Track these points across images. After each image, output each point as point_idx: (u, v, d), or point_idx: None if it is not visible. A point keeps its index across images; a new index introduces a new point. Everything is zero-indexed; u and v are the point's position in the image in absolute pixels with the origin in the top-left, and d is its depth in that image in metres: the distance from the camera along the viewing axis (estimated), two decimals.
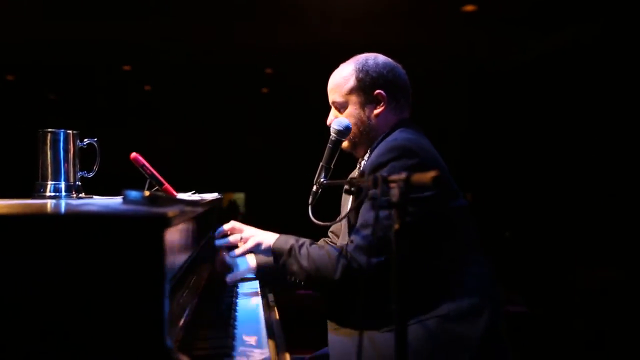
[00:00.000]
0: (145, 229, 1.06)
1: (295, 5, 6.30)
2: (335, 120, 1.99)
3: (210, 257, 2.25)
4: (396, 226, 1.21)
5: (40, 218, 1.07)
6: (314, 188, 1.96)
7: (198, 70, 8.26)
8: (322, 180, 1.93)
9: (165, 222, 1.08)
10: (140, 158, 1.77)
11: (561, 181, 7.27)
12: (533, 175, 7.67)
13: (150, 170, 1.78)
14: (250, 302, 1.90)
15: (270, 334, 1.50)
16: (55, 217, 1.09)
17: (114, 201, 1.35)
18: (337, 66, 2.12)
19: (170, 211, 1.10)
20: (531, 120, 7.64)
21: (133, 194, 1.21)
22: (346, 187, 1.55)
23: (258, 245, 1.99)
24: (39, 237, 1.02)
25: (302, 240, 1.93)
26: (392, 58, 2.12)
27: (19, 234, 1.02)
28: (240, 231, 2.07)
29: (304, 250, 1.87)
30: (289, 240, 1.93)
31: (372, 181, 1.27)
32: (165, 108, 9.15)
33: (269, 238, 1.99)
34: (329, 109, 2.11)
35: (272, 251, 1.95)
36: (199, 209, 1.36)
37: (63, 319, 1.04)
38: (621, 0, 5.86)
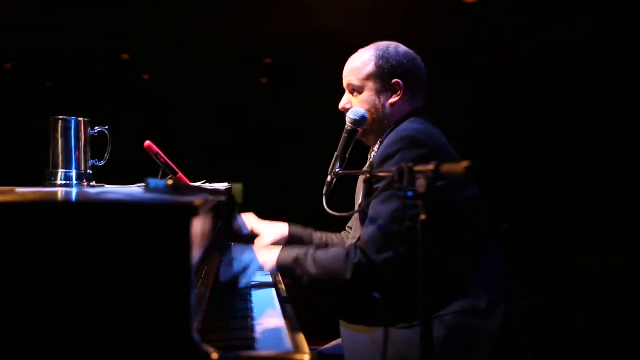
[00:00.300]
0: (173, 217, 1.05)
1: None
2: (352, 110, 1.97)
3: (219, 247, 2.24)
4: (422, 217, 1.20)
5: (69, 206, 1.05)
6: (329, 178, 1.94)
7: (196, 59, 8.21)
8: (337, 170, 1.91)
9: (192, 211, 1.07)
10: (154, 146, 1.75)
11: (559, 172, 7.28)
12: (531, 167, 7.68)
13: (164, 159, 1.76)
14: (264, 293, 1.88)
15: (288, 325, 1.49)
16: (85, 205, 1.07)
17: (134, 189, 1.33)
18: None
19: (197, 200, 1.09)
20: (531, 112, 7.63)
21: (156, 182, 1.19)
22: (366, 177, 1.52)
23: (261, 269, 1.95)
24: (68, 225, 1.01)
25: (305, 248, 1.90)
26: None
27: (48, 222, 1.00)
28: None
29: (310, 258, 1.84)
30: (292, 253, 1.89)
31: (397, 172, 1.25)
32: (163, 97, 9.09)
33: (271, 257, 1.94)
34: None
35: (277, 268, 1.92)
36: (221, 198, 1.34)
37: (90, 308, 1.02)
38: None
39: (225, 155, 9.39)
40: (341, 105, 2.07)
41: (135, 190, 1.36)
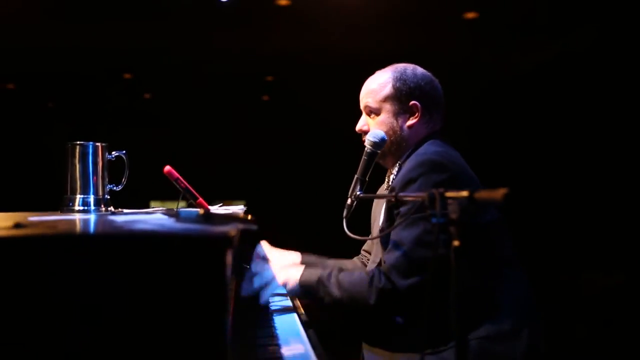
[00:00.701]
0: (209, 248, 1.04)
1: (296, 11, 6.30)
2: (371, 132, 1.97)
3: (236, 269, 2.23)
4: (456, 243, 1.19)
5: (106, 237, 1.04)
6: (349, 201, 1.93)
7: (198, 78, 8.23)
8: (357, 193, 1.90)
9: (228, 242, 1.06)
10: (174, 172, 1.75)
11: (563, 188, 7.28)
12: (533, 181, 7.68)
13: (184, 184, 1.75)
14: (285, 317, 1.87)
15: (315, 350, 1.48)
16: (122, 237, 1.07)
17: (159, 217, 1.32)
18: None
19: (231, 230, 1.08)
20: (534, 127, 7.65)
21: (187, 212, 1.19)
22: (391, 202, 1.52)
23: (284, 285, 1.93)
24: (103, 256, 1.00)
25: (329, 269, 1.89)
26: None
27: (86, 254, 1.00)
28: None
29: (333, 280, 1.82)
30: (316, 272, 1.88)
31: (428, 197, 1.25)
32: (166, 116, 9.11)
33: (294, 274, 1.92)
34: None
35: (299, 287, 1.90)
36: (252, 227, 1.34)
37: (124, 343, 1.01)
38: (622, 5, 5.89)
39: (227, 173, 9.39)
40: (358, 127, 2.07)
41: (162, 218, 1.35)
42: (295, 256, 2.20)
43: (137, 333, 1.01)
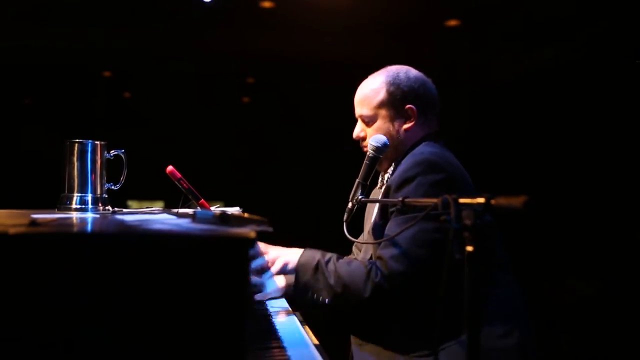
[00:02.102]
0: (231, 249, 1.04)
1: (279, 15, 6.31)
2: (373, 137, 1.97)
3: None
4: (469, 248, 1.21)
5: (132, 237, 1.04)
6: (350, 205, 1.93)
7: (178, 78, 8.17)
8: (359, 197, 1.91)
9: (249, 242, 1.06)
10: (177, 172, 1.74)
11: (548, 196, 7.37)
12: (515, 188, 7.75)
13: (187, 185, 1.74)
14: (286, 321, 1.87)
15: (320, 353, 1.48)
16: (148, 237, 1.06)
17: (169, 217, 1.31)
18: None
19: (251, 231, 1.09)
20: (515, 135, 7.73)
21: (203, 212, 1.19)
22: (398, 207, 1.53)
23: (285, 265, 1.93)
24: (127, 256, 0.99)
25: (328, 255, 1.88)
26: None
27: (108, 255, 0.99)
28: (265, 253, 2.01)
29: (331, 266, 1.82)
30: (315, 256, 1.88)
31: (442, 203, 1.26)
32: (145, 116, 9.02)
33: (294, 256, 1.93)
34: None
35: (296, 268, 1.90)
36: (268, 228, 1.34)
37: (146, 341, 1.01)
38: (606, 16, 6.00)
39: (207, 175, 9.32)
40: (355, 134, 2.07)
41: (173, 219, 1.35)
42: (296, 252, 2.19)
43: (159, 333, 1.01)
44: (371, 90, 2.03)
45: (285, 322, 1.81)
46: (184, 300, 1.03)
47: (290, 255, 1.95)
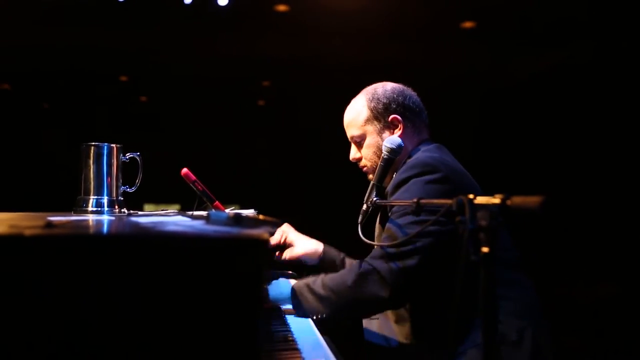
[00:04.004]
0: (245, 250, 1.04)
1: (294, 18, 6.32)
2: (388, 139, 1.98)
3: None
4: (485, 249, 1.20)
5: (147, 238, 1.04)
6: (364, 207, 1.93)
7: (195, 82, 8.22)
8: (374, 199, 1.91)
9: (263, 244, 1.06)
10: (191, 174, 1.74)
11: (561, 197, 7.32)
12: (532, 190, 7.71)
13: (201, 187, 1.75)
14: (301, 323, 1.86)
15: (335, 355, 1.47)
16: (162, 238, 1.06)
17: (184, 219, 1.32)
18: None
19: (265, 232, 1.09)
20: (531, 136, 7.69)
21: (217, 214, 1.19)
22: (412, 209, 1.52)
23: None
24: (143, 257, 1.00)
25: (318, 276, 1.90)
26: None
27: (122, 256, 0.99)
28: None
29: (318, 282, 1.85)
30: (305, 280, 1.91)
31: (456, 203, 1.25)
32: (163, 120, 9.08)
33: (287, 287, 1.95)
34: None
35: (291, 294, 1.91)
36: (277, 229, 1.34)
37: (160, 342, 1.01)
38: (618, 17, 5.95)
39: (221, 177, 9.36)
40: (351, 157, 2.14)
41: (187, 220, 1.35)
42: (318, 244, 2.20)
43: (173, 334, 1.01)
44: (355, 111, 2.09)
45: (301, 326, 1.81)
46: (198, 302, 1.03)
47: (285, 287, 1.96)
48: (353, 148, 2.11)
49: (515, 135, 7.86)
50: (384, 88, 2.08)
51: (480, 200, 1.22)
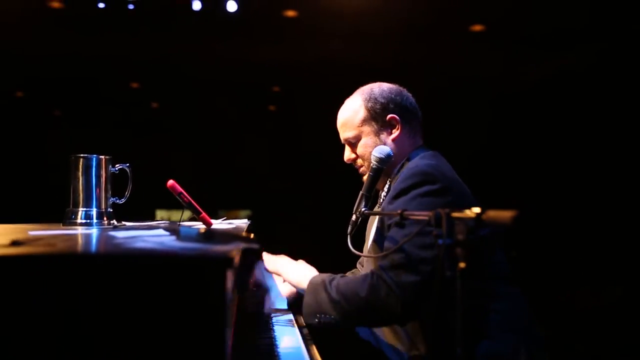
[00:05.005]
0: (208, 269, 1.02)
1: (303, 23, 6.32)
2: (377, 148, 1.95)
3: (240, 284, 2.21)
4: (461, 265, 1.17)
5: (102, 257, 1.02)
6: (354, 217, 1.91)
7: (205, 88, 8.24)
8: (362, 209, 1.89)
9: (227, 263, 1.04)
10: (177, 186, 1.73)
11: (570, 200, 7.24)
12: (541, 193, 7.63)
13: (187, 199, 1.74)
14: (288, 337, 1.84)
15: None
16: (118, 257, 1.05)
17: (161, 234, 1.30)
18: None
19: (232, 251, 1.06)
20: (539, 140, 7.62)
21: (188, 230, 1.17)
22: (390, 220, 1.50)
23: (297, 284, 1.96)
24: (99, 276, 0.98)
25: (334, 276, 1.87)
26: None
27: (76, 274, 0.97)
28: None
29: (334, 283, 1.82)
30: (322, 276, 1.88)
31: (434, 217, 1.22)
32: (173, 125, 9.11)
33: (306, 276, 1.94)
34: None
35: (307, 289, 1.89)
36: (255, 246, 1.32)
37: None
38: (630, 20, 5.88)
39: (233, 182, 9.38)
40: (346, 158, 2.09)
41: (162, 235, 1.33)
42: (295, 288, 2.14)
43: (131, 355, 0.99)
44: (351, 111, 2.04)
45: (288, 339, 1.79)
46: (162, 320, 1.01)
47: (302, 275, 1.94)
48: (347, 149, 2.07)
49: (523, 140, 7.80)
50: (381, 88, 2.04)
51: (457, 214, 1.19)
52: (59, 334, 0.97)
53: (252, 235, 1.63)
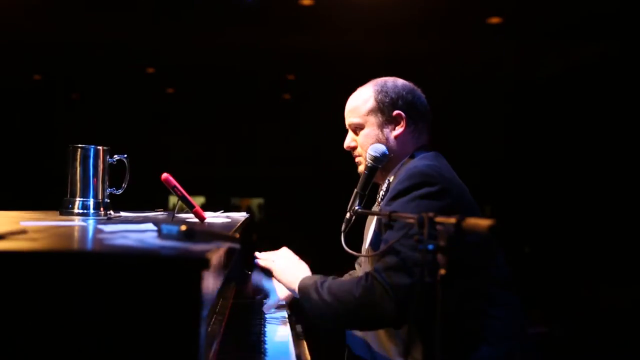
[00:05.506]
0: (182, 270, 1.01)
1: (319, 12, 6.29)
2: (372, 146, 1.93)
3: (235, 277, 2.21)
4: (442, 271, 1.16)
5: (74, 256, 1.03)
6: (347, 215, 1.90)
7: (220, 74, 8.26)
8: (356, 207, 1.87)
9: (203, 264, 1.03)
10: (172, 179, 1.73)
11: (585, 194, 7.16)
12: (555, 187, 7.56)
13: (181, 192, 1.74)
14: (279, 333, 1.84)
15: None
16: (86, 255, 1.05)
17: (146, 232, 1.30)
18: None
19: (208, 252, 1.06)
20: (555, 133, 7.54)
21: (168, 228, 1.17)
22: (384, 221, 1.49)
23: (288, 287, 1.96)
24: (72, 275, 0.98)
25: (325, 278, 1.87)
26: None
27: (52, 272, 0.98)
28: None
29: (326, 284, 1.81)
30: (313, 277, 1.87)
31: (417, 221, 1.21)
32: (188, 111, 9.16)
33: (297, 277, 1.93)
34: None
35: (299, 290, 1.89)
36: (236, 245, 1.31)
37: None
38: None
39: (246, 169, 9.41)
40: (346, 145, 2.06)
41: (148, 230, 1.34)
42: (292, 289, 2.09)
43: (104, 354, 0.99)
44: (361, 99, 2.02)
45: (278, 338, 1.79)
46: (133, 322, 1.01)
47: (295, 276, 1.94)
48: (349, 135, 2.05)
49: (543, 132, 7.71)
50: (395, 83, 2.02)
51: (441, 219, 1.18)
52: (29, 332, 0.98)
53: (237, 234, 1.63)
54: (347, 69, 7.41)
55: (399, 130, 1.97)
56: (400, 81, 2.04)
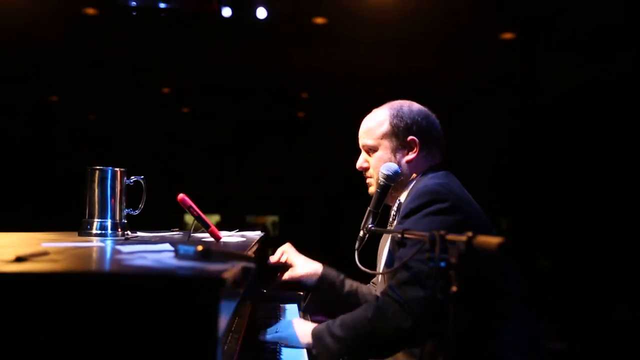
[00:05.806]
0: (199, 290, 1.04)
1: (332, 30, 6.34)
2: (384, 165, 1.96)
3: (250, 295, 2.23)
4: (453, 288, 1.17)
5: (95, 278, 1.06)
6: (361, 233, 1.92)
7: (234, 93, 8.32)
8: (369, 225, 1.90)
9: (219, 284, 1.06)
10: (187, 199, 1.76)
11: (603, 208, 7.10)
12: (572, 202, 7.51)
13: (197, 212, 1.77)
14: (294, 352, 1.85)
15: None
16: (106, 276, 1.08)
17: (163, 252, 1.33)
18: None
19: (224, 272, 1.08)
20: (571, 149, 7.51)
21: (185, 248, 1.19)
22: (397, 239, 1.51)
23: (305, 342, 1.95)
24: (93, 296, 1.01)
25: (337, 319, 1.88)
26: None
27: (72, 293, 1.01)
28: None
29: (337, 321, 1.82)
30: (324, 323, 1.89)
31: (429, 239, 1.23)
32: (203, 130, 9.23)
33: (306, 330, 1.93)
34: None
35: (312, 339, 1.89)
36: (252, 264, 1.34)
37: None
38: None
39: (261, 187, 9.45)
40: (358, 165, 2.09)
41: (165, 250, 1.36)
42: (317, 266, 2.20)
43: None
44: (375, 122, 2.06)
45: (294, 356, 1.80)
46: (151, 341, 1.03)
47: (302, 330, 1.95)
48: (362, 156, 2.09)
49: (553, 148, 7.69)
50: (410, 108, 2.05)
51: (452, 237, 1.19)
52: (52, 351, 1.01)
53: (253, 254, 1.65)
54: (361, 86, 7.45)
55: (411, 155, 2.00)
56: (415, 106, 2.07)
